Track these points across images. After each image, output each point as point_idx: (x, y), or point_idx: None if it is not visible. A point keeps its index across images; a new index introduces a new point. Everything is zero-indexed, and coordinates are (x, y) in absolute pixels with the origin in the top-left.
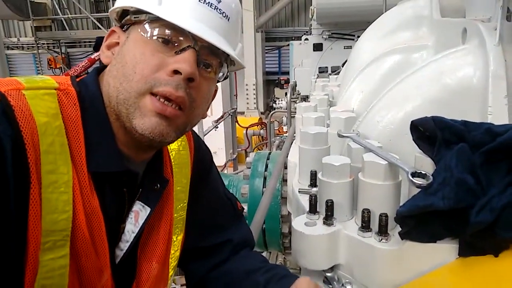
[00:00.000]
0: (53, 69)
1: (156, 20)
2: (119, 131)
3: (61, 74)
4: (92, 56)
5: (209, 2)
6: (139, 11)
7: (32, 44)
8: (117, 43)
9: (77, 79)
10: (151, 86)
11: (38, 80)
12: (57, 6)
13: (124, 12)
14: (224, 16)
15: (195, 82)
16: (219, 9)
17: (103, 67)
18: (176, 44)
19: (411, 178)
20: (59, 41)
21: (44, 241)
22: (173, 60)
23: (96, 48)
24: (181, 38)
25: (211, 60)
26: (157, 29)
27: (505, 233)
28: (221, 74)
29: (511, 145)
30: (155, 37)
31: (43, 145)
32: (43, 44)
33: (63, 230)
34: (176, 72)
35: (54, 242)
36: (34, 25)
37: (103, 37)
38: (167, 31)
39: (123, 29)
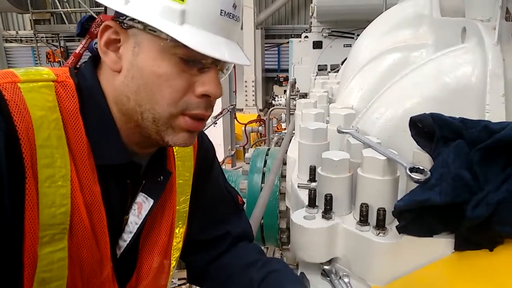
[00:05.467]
0: (51, 63)
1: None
2: (124, 126)
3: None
4: (77, 51)
5: (229, 13)
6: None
7: (31, 37)
8: (116, 40)
9: (75, 71)
10: (182, 109)
11: (35, 72)
12: (56, 0)
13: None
14: (237, 20)
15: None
16: (235, 16)
17: (98, 56)
18: (198, 61)
19: (409, 173)
20: (58, 35)
21: (42, 235)
22: (200, 80)
23: (81, 34)
24: (204, 56)
25: (225, 65)
26: (180, 49)
27: (500, 228)
28: (227, 71)
29: (508, 142)
30: (177, 55)
31: (39, 139)
32: (42, 37)
33: (61, 224)
34: (204, 94)
35: (52, 235)
36: (33, 18)
37: (85, 21)
38: (192, 52)
39: (124, 26)
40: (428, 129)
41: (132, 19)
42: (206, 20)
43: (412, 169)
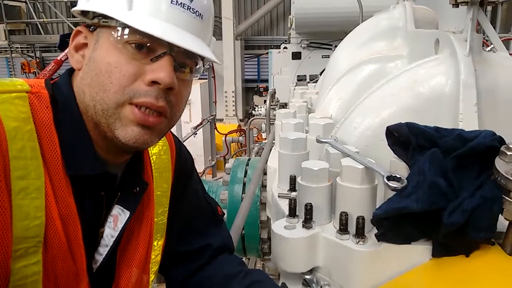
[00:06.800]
0: (27, 74)
1: (127, 26)
2: (96, 135)
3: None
4: (58, 58)
5: (181, 3)
6: (109, 16)
7: (5, 48)
8: (85, 44)
9: (52, 82)
10: (130, 97)
11: (9, 83)
12: (32, 10)
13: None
14: (198, 15)
15: (175, 90)
16: (192, 9)
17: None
18: (151, 50)
19: (386, 181)
20: (33, 45)
21: (15, 249)
22: (150, 68)
23: (61, 47)
24: (156, 44)
25: (187, 62)
26: (129, 35)
27: (475, 234)
28: (196, 72)
29: (481, 150)
30: (128, 43)
31: (12, 150)
32: (16, 48)
33: (35, 237)
34: (154, 82)
35: (26, 249)
36: (8, 29)
37: (66, 35)
38: (141, 37)
39: (90, 29)
40: (404, 138)
41: (97, 20)
42: (155, 7)
43: (389, 178)
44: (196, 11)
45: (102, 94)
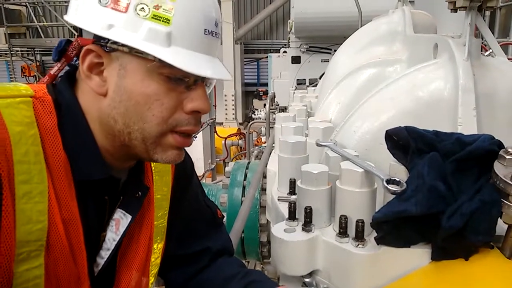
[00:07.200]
0: (27, 77)
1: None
2: (105, 142)
3: (35, 83)
4: (52, 72)
5: (212, 31)
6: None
7: (6, 51)
8: (99, 64)
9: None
10: (172, 126)
11: (13, 88)
12: (32, 13)
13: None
14: (218, 36)
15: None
16: (217, 33)
17: (73, 71)
18: (184, 77)
19: (386, 185)
20: (33, 49)
21: (18, 252)
22: (188, 97)
23: (58, 59)
24: (190, 73)
25: (208, 80)
26: (167, 69)
27: (474, 238)
28: (210, 85)
29: (479, 154)
30: (162, 74)
31: (16, 155)
32: (17, 51)
33: (38, 240)
34: (195, 111)
35: (29, 252)
36: (8, 32)
37: (63, 45)
38: (177, 71)
39: (106, 49)
40: (403, 142)
41: (115, 42)
42: (192, 40)
43: (389, 181)
44: (218, 33)
45: (142, 125)
